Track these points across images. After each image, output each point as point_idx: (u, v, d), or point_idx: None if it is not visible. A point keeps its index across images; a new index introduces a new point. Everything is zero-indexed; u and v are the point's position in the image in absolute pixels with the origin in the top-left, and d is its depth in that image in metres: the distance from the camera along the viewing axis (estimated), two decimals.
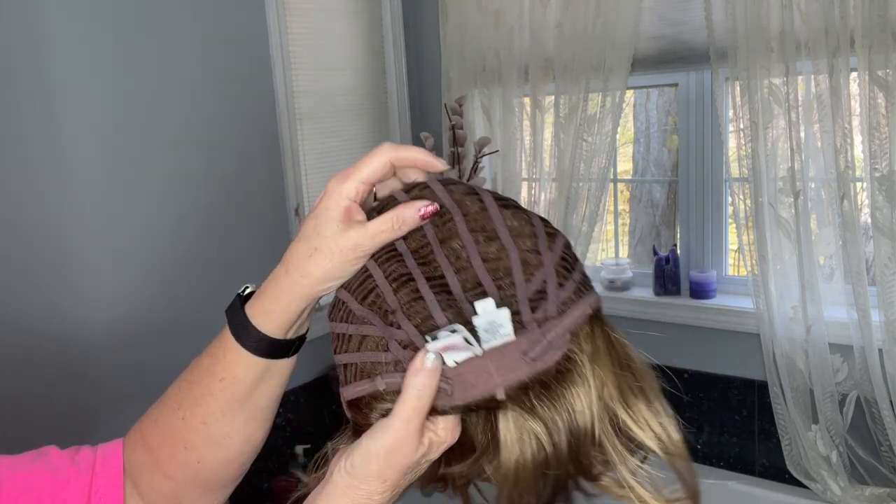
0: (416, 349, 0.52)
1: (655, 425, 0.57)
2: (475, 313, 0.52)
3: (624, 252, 3.65)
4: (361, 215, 0.57)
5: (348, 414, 0.57)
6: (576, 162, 2.21)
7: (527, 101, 2.33)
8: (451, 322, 0.52)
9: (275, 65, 2.15)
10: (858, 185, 1.82)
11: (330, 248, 0.56)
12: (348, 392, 0.56)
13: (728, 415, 2.17)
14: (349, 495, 0.54)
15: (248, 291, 0.63)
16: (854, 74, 1.77)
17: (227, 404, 0.63)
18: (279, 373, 0.64)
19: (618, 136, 2.23)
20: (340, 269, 0.57)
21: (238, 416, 0.64)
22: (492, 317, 0.52)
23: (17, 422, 1.60)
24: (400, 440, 0.52)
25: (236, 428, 0.64)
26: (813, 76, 1.81)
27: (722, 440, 2.20)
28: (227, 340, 0.62)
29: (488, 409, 0.53)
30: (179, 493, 0.67)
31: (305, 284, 0.58)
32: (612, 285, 2.38)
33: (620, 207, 3.62)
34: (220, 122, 2.01)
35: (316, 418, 2.32)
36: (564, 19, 2.17)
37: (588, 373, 0.54)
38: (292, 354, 0.64)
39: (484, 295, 0.53)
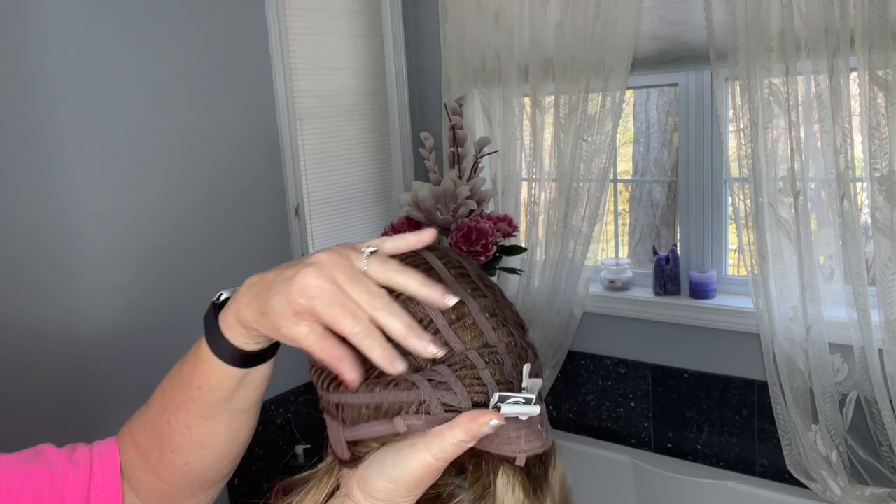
0: (447, 389, 0.51)
1: None
2: (521, 377, 0.52)
3: (624, 252, 3.65)
4: None
5: (342, 451, 0.55)
6: (576, 162, 2.21)
7: (527, 101, 2.33)
8: (492, 378, 0.52)
9: (275, 65, 2.15)
10: (858, 185, 1.82)
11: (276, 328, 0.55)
12: (359, 433, 0.53)
13: (728, 415, 2.17)
14: None
15: (222, 299, 0.62)
16: (854, 74, 1.77)
17: (207, 410, 0.63)
18: (257, 378, 0.63)
19: (618, 136, 2.23)
20: None
21: (219, 421, 0.64)
22: (530, 385, 0.52)
23: (18, 421, 1.60)
24: (429, 474, 0.51)
25: (218, 431, 0.64)
26: (813, 76, 1.81)
27: (722, 440, 2.20)
28: (203, 349, 0.61)
29: (497, 460, 0.53)
30: (171, 492, 0.68)
31: (254, 326, 0.57)
32: (612, 285, 2.38)
33: (620, 207, 3.62)
34: (220, 122, 2.01)
35: (316, 419, 2.32)
36: (564, 19, 2.17)
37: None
38: (268, 360, 0.63)
39: (525, 360, 0.53)
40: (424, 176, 2.44)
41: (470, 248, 2.02)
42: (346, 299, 0.51)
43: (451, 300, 0.52)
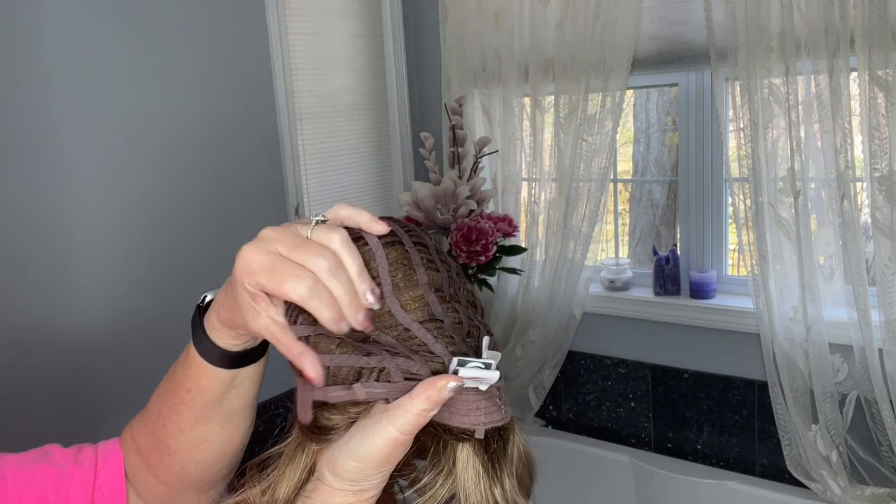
0: (406, 357, 0.51)
1: None
2: (480, 348, 0.52)
3: (624, 252, 3.65)
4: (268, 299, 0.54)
5: (304, 413, 0.55)
6: (576, 162, 2.21)
7: (527, 101, 2.33)
8: (445, 349, 0.52)
9: (275, 65, 2.15)
10: (858, 185, 1.82)
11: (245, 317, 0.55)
12: (322, 395, 0.53)
13: (728, 415, 2.17)
14: (341, 497, 0.53)
15: (207, 300, 0.61)
16: (854, 74, 1.77)
17: (199, 412, 0.63)
18: (248, 378, 0.63)
19: (618, 136, 2.23)
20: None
21: (212, 423, 0.64)
22: (489, 356, 0.52)
23: (20, 421, 1.60)
24: (396, 449, 0.51)
25: (212, 432, 0.64)
26: (813, 76, 1.81)
27: (722, 440, 2.20)
28: (192, 352, 0.61)
29: (456, 438, 0.53)
30: (171, 493, 0.68)
31: (234, 321, 0.56)
32: (612, 285, 2.38)
33: (620, 207, 3.62)
34: (220, 122, 2.01)
35: None
36: (564, 19, 2.17)
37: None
38: (258, 359, 0.62)
39: (487, 333, 0.53)
40: (424, 176, 2.44)
41: (470, 248, 2.02)
42: (288, 264, 0.50)
43: (373, 303, 0.51)
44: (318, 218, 0.54)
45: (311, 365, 0.51)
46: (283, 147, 2.19)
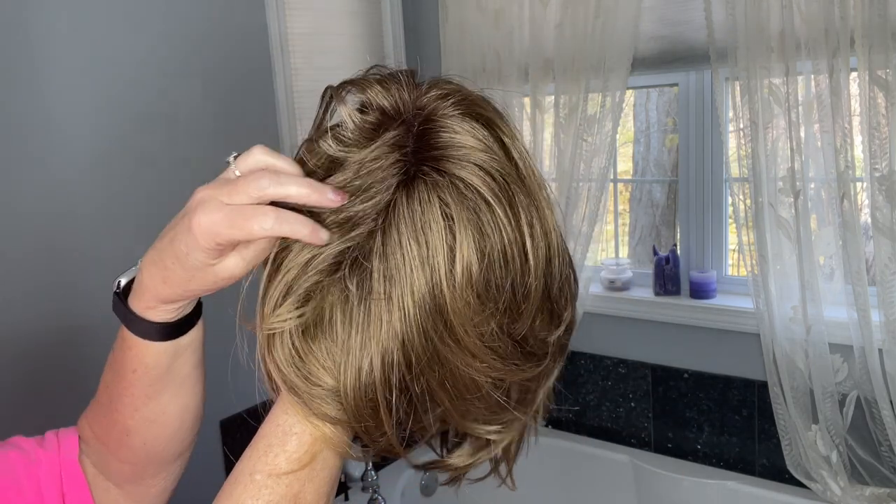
0: None
1: None
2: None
3: (624, 252, 3.65)
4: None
5: None
6: (576, 162, 2.21)
7: (527, 101, 2.33)
8: None
9: (275, 65, 2.15)
10: (858, 185, 1.82)
11: (212, 277, 0.55)
12: None
13: (728, 415, 2.17)
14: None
15: (122, 284, 0.63)
16: (854, 74, 1.77)
17: (149, 388, 0.63)
18: (191, 343, 0.63)
19: (618, 136, 2.23)
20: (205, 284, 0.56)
21: (164, 394, 0.64)
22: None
23: (21, 419, 1.60)
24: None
25: (165, 404, 0.65)
26: (813, 76, 1.81)
27: (722, 440, 2.20)
28: (127, 336, 0.61)
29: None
30: (137, 471, 0.69)
31: (186, 292, 0.57)
32: (612, 285, 2.38)
33: (620, 207, 3.62)
34: (220, 122, 2.01)
35: None
36: (564, 19, 2.17)
37: None
38: (196, 322, 0.63)
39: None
40: None
41: None
42: (243, 209, 0.50)
43: (337, 198, 0.51)
44: (232, 156, 0.55)
45: (308, 233, 0.50)
46: (283, 147, 2.19)
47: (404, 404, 0.50)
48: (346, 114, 0.53)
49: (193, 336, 0.63)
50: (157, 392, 0.64)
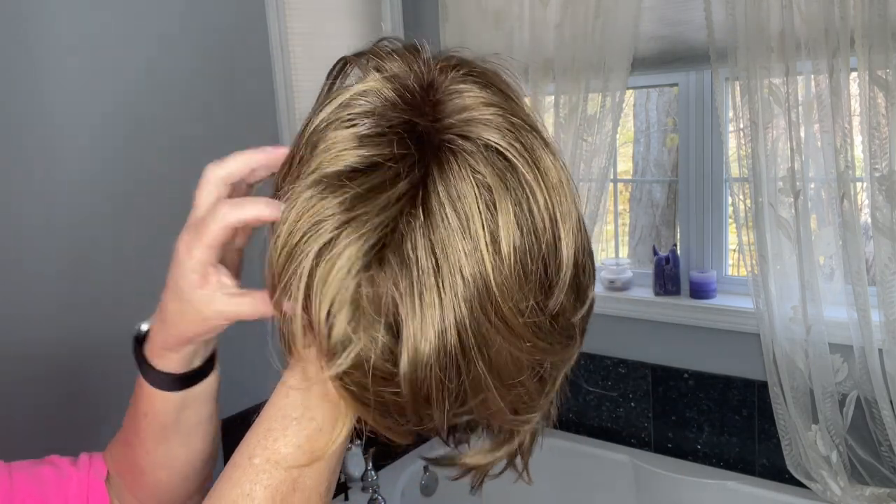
0: None
1: None
2: None
3: (624, 252, 3.65)
4: (218, 276, 0.56)
5: None
6: (576, 162, 2.21)
7: (527, 101, 2.32)
8: None
9: (275, 65, 2.15)
10: (858, 185, 1.82)
11: (198, 311, 0.56)
12: None
13: (728, 415, 2.17)
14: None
15: (144, 329, 0.64)
16: (854, 74, 1.77)
17: (158, 434, 0.64)
18: (201, 395, 0.64)
19: (618, 136, 2.23)
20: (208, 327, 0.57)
21: (171, 442, 0.65)
22: None
23: (23, 427, 1.60)
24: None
25: (174, 451, 0.65)
26: (813, 76, 1.81)
27: (722, 440, 2.20)
28: (141, 379, 0.63)
29: None
30: None
31: (181, 333, 0.58)
32: (612, 285, 2.38)
33: (620, 207, 3.62)
34: (219, 122, 2.01)
35: None
36: (564, 19, 2.17)
37: None
38: (208, 374, 0.64)
39: None
40: None
41: None
42: (198, 221, 0.55)
43: (277, 150, 0.54)
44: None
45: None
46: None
47: (454, 387, 0.47)
48: (367, 77, 0.51)
49: (203, 388, 0.63)
50: (166, 438, 0.64)
